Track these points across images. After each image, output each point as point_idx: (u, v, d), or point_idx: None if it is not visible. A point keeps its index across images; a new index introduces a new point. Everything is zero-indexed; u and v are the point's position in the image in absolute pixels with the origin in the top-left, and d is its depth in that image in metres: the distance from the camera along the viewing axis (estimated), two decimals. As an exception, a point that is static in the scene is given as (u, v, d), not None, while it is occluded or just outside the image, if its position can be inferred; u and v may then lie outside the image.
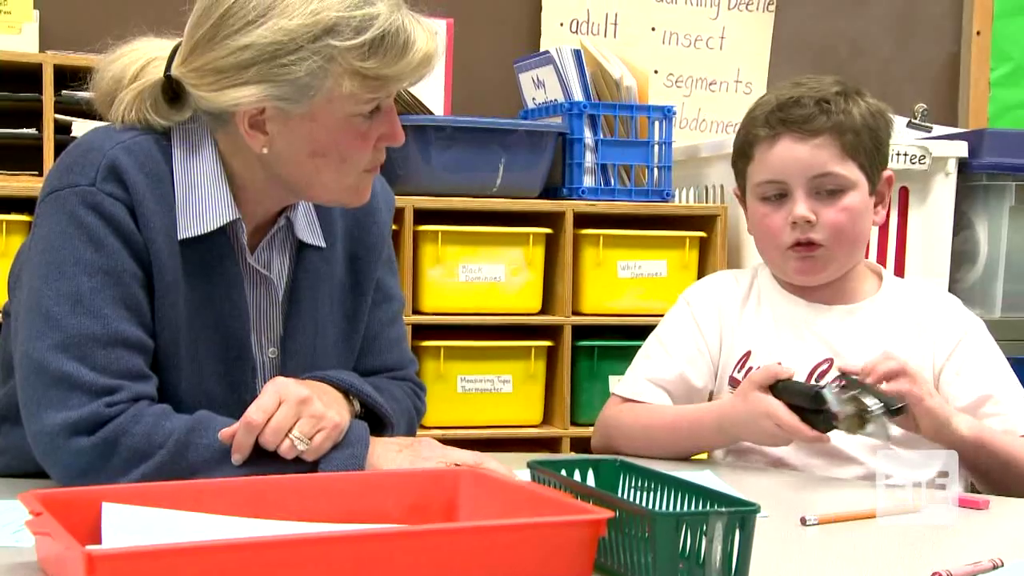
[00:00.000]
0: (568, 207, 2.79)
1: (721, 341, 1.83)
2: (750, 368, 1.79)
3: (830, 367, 1.75)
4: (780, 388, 1.60)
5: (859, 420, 1.53)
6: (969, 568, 1.13)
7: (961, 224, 3.11)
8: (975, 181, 3.08)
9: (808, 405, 1.56)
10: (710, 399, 1.83)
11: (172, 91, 1.44)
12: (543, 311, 2.83)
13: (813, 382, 1.74)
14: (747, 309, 1.85)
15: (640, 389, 1.82)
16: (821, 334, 1.79)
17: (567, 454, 2.73)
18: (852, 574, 1.17)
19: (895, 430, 1.57)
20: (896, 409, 1.53)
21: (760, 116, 1.78)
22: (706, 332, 1.84)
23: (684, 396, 1.81)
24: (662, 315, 1.92)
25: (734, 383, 1.79)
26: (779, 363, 1.70)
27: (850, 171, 1.75)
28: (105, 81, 1.49)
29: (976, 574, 1.12)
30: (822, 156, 1.74)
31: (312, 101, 1.40)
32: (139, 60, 1.48)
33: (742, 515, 1.05)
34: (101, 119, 1.52)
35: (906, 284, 1.89)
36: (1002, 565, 1.15)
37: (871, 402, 1.52)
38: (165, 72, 1.44)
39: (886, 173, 1.80)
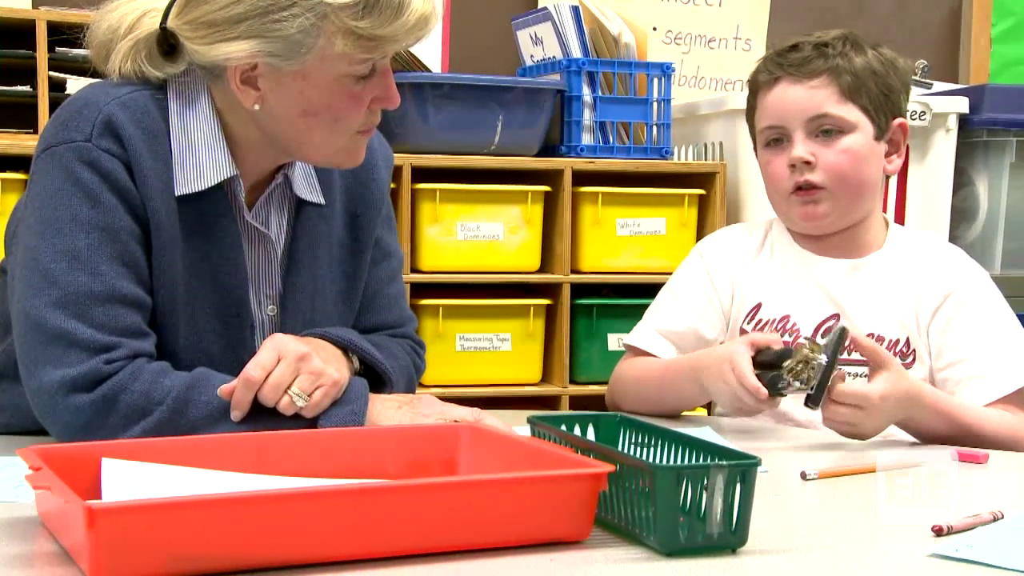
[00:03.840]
0: (567, 165, 2.78)
1: (733, 292, 1.83)
2: (760, 320, 1.80)
3: (836, 322, 1.75)
4: (760, 353, 1.59)
5: (779, 386, 1.54)
6: (969, 520, 1.13)
7: (961, 181, 3.10)
8: (975, 137, 3.07)
9: (771, 361, 1.56)
10: None
11: (167, 43, 1.43)
12: (542, 269, 2.82)
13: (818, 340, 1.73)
14: (759, 261, 1.85)
15: (648, 340, 1.83)
16: (826, 288, 1.79)
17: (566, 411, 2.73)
18: (852, 528, 1.17)
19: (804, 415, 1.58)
20: (813, 396, 1.53)
21: (761, 64, 1.81)
22: (718, 283, 1.83)
23: (694, 348, 1.80)
24: (661, 273, 1.92)
25: (744, 335, 1.78)
26: (788, 330, 1.73)
27: (849, 112, 1.74)
28: (101, 32, 1.48)
29: (976, 526, 1.12)
30: (818, 97, 1.74)
31: (304, 59, 1.39)
32: (135, 11, 1.46)
33: (743, 468, 1.05)
34: (96, 74, 1.51)
35: (911, 235, 1.87)
36: (1002, 517, 1.15)
37: (799, 382, 1.52)
38: (161, 24, 1.43)
39: (898, 121, 1.79)
